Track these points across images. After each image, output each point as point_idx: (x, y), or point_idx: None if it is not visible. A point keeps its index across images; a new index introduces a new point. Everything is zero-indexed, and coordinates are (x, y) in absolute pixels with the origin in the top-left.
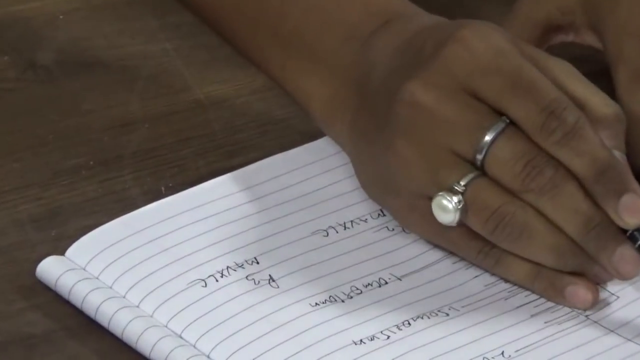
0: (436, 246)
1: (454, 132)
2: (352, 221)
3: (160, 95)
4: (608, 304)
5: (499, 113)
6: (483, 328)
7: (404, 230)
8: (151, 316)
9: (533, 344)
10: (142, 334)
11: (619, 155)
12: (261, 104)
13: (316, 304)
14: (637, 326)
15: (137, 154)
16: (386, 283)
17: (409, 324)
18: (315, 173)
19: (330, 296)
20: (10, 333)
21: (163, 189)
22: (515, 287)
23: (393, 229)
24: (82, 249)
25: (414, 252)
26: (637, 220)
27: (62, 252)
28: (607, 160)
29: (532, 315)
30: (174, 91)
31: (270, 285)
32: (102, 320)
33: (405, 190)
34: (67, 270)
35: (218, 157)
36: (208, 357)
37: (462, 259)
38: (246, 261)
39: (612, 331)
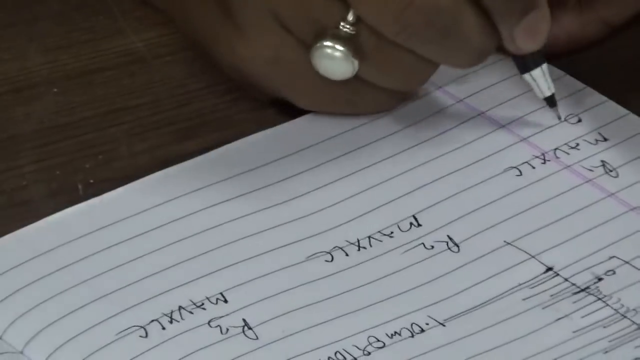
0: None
1: None
2: (369, 237)
3: (76, 43)
4: None
5: None
6: None
7: (449, 249)
8: None
9: None
10: None
11: None
12: None
13: None
14: None
15: (41, 133)
16: (422, 331)
17: None
18: (311, 164)
19: (336, 353)
20: None
21: (80, 187)
22: (617, 337)
23: (433, 247)
24: None
25: (466, 281)
26: (531, 45)
27: None
28: None
29: None
30: (96, 37)
31: (246, 336)
32: None
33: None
34: None
35: (164, 138)
36: None
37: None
38: (208, 299)
39: None
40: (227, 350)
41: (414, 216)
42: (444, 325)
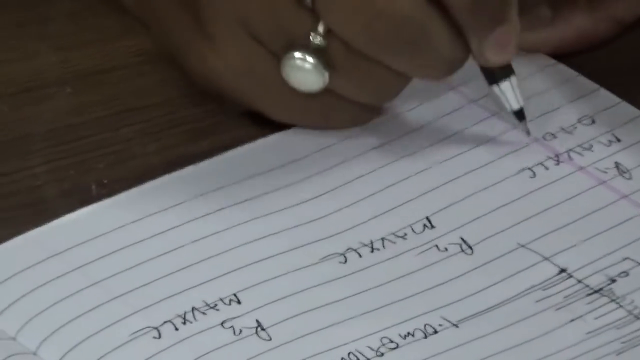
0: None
1: None
2: (383, 239)
3: (87, 42)
4: None
5: None
6: None
7: (462, 251)
8: None
9: None
10: None
11: None
12: None
13: None
14: None
15: (53, 133)
16: (435, 332)
17: None
18: (324, 166)
19: (349, 354)
20: None
21: (94, 187)
22: (630, 339)
23: (446, 249)
24: None
25: (479, 283)
26: (500, 58)
27: None
28: None
29: None
30: (108, 36)
31: (259, 337)
32: None
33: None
34: None
35: (177, 138)
36: None
37: (543, 289)
38: (221, 299)
39: None
40: (240, 351)
41: (427, 218)
42: (457, 327)
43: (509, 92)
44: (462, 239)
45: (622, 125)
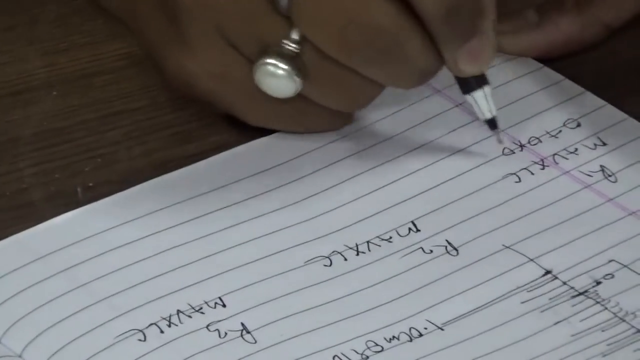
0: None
1: None
2: (368, 242)
3: (74, 46)
4: None
5: None
6: None
7: (448, 252)
8: None
9: None
10: None
11: None
12: None
13: None
14: None
15: (40, 136)
16: (420, 335)
17: None
18: (311, 169)
19: (335, 357)
20: None
21: (79, 190)
22: (615, 341)
23: (431, 251)
24: None
25: (464, 284)
26: (473, 69)
27: None
28: None
29: None
30: (95, 40)
31: (244, 340)
32: None
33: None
34: None
35: (163, 141)
36: None
37: (529, 291)
38: (206, 303)
39: None
40: (225, 354)
41: (412, 222)
42: (442, 330)
43: (482, 101)
44: (448, 241)
45: (607, 129)
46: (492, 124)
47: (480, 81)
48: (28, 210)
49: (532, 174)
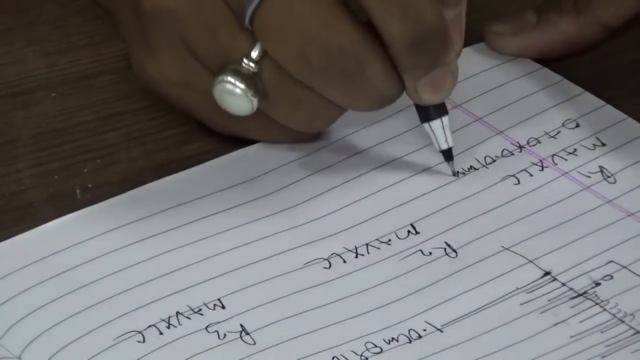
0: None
1: None
2: (367, 244)
3: (74, 47)
4: None
5: None
6: None
7: (447, 254)
8: None
9: None
10: None
11: (452, 14)
12: None
13: None
14: None
15: (39, 138)
16: (420, 336)
17: None
18: (309, 172)
19: (334, 358)
20: None
21: (78, 192)
22: (614, 342)
23: (431, 253)
24: None
25: (463, 286)
26: (433, 98)
27: None
28: (433, 24)
29: None
30: (95, 41)
31: (243, 341)
32: None
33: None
34: None
35: (163, 143)
36: None
37: (533, 298)
38: (205, 304)
39: None
40: (224, 355)
41: (412, 224)
42: (441, 331)
43: (439, 131)
44: (447, 243)
45: (606, 129)
46: (447, 154)
47: (439, 111)
48: (27, 211)
49: (531, 175)
